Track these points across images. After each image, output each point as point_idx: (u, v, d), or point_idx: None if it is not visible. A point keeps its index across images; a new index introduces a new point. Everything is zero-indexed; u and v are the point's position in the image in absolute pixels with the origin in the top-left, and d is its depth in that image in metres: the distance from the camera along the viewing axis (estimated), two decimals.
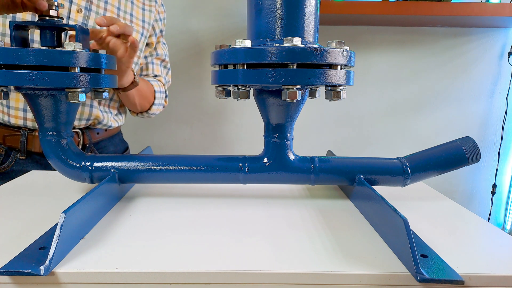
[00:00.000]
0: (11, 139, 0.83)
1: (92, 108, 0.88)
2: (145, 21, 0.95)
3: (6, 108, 0.82)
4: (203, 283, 0.38)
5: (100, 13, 0.85)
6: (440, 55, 1.53)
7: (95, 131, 0.92)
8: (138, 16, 0.94)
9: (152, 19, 0.98)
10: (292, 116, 0.56)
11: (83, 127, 0.89)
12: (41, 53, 0.46)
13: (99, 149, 0.94)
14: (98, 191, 0.50)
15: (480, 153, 0.57)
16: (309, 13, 0.50)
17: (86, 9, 0.83)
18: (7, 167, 0.84)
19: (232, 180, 0.58)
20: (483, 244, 0.46)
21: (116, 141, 1.01)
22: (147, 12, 0.96)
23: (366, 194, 0.53)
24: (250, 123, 1.59)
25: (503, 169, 1.63)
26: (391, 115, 1.59)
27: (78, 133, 0.88)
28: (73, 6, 0.82)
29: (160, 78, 1.03)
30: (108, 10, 0.87)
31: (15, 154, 0.84)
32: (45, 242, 0.42)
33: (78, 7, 0.82)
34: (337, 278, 0.39)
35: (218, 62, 0.51)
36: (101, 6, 0.86)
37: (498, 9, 1.28)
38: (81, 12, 0.82)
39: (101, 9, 0.86)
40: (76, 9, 0.82)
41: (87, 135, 0.90)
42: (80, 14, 0.82)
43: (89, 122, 0.89)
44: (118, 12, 0.89)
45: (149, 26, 0.97)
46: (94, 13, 0.85)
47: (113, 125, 0.96)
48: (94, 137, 0.92)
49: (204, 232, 0.48)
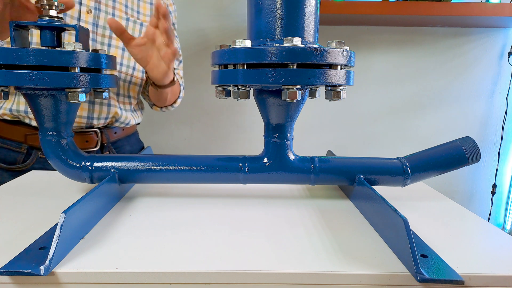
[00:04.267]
0: (32, 138, 0.85)
1: (110, 107, 0.89)
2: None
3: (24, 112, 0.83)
4: (203, 283, 0.38)
5: (109, 12, 0.86)
6: (440, 55, 1.53)
7: (113, 130, 0.94)
8: (145, 12, 0.94)
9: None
10: (292, 116, 0.56)
11: (101, 126, 0.91)
12: (41, 53, 0.46)
13: (116, 149, 0.95)
14: (98, 191, 0.50)
15: (480, 153, 0.57)
16: (309, 13, 0.50)
17: (95, 10, 0.84)
18: (28, 165, 0.86)
19: (232, 180, 0.58)
20: (483, 244, 0.46)
21: (132, 140, 1.02)
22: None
23: (366, 194, 0.53)
24: (250, 123, 1.59)
25: (503, 169, 1.63)
26: (391, 115, 1.59)
27: (97, 132, 0.89)
28: (82, 8, 0.83)
29: (178, 71, 1.04)
30: (117, 8, 0.88)
31: (36, 152, 0.86)
32: (45, 242, 0.42)
33: (88, 8, 0.83)
34: (337, 278, 0.39)
35: (218, 62, 0.51)
36: (109, 5, 0.87)
37: (498, 9, 1.28)
38: (91, 13, 0.84)
39: (109, 8, 0.87)
40: (85, 10, 0.83)
41: (105, 134, 0.91)
42: (90, 15, 0.84)
43: (107, 121, 0.91)
44: (126, 9, 0.90)
45: None
46: (104, 13, 0.85)
47: (130, 122, 0.97)
48: (112, 136, 0.93)
49: (204, 232, 0.48)
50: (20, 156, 0.85)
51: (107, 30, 0.86)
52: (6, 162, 0.85)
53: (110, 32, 0.86)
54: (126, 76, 0.91)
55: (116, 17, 0.87)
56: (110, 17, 0.70)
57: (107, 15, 0.86)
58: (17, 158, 0.85)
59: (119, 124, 0.94)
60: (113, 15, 0.87)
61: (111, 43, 0.87)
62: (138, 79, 0.95)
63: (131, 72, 0.92)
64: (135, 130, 1.06)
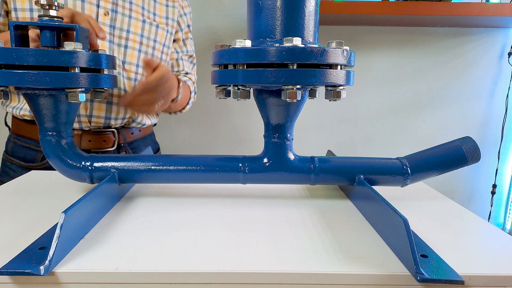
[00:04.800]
0: None
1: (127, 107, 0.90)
2: (169, 18, 0.97)
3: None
4: (203, 283, 0.38)
5: (126, 14, 0.87)
6: (440, 55, 1.53)
7: (130, 130, 0.95)
8: (161, 14, 0.95)
9: (177, 15, 0.99)
10: (292, 116, 0.56)
11: (118, 126, 0.91)
12: (41, 53, 0.46)
13: (132, 149, 0.96)
14: (98, 191, 0.50)
15: (480, 153, 0.57)
16: (309, 13, 0.50)
17: (112, 11, 0.85)
18: (46, 164, 0.87)
19: (232, 180, 0.58)
20: (483, 244, 0.46)
21: (148, 141, 1.03)
22: (171, 8, 0.97)
23: (366, 194, 0.53)
24: (250, 123, 1.59)
25: (503, 169, 1.63)
26: (391, 115, 1.59)
27: (114, 133, 0.90)
28: (100, 10, 0.84)
29: (191, 76, 1.05)
30: (133, 10, 0.89)
31: None
32: (45, 242, 0.42)
33: (105, 10, 0.84)
34: (337, 278, 0.39)
35: (218, 62, 0.51)
36: (126, 7, 0.88)
37: (498, 9, 1.28)
38: (108, 15, 0.85)
39: (126, 10, 0.88)
40: (103, 12, 0.84)
41: (122, 134, 0.92)
42: (107, 17, 0.85)
43: (124, 121, 0.91)
44: (142, 11, 0.91)
45: (174, 22, 0.98)
46: (121, 15, 0.87)
47: (146, 123, 0.98)
48: (128, 137, 0.94)
49: (204, 232, 0.48)
50: (39, 155, 0.87)
51: (124, 31, 0.87)
52: (26, 160, 0.88)
53: (127, 33, 0.88)
54: (143, 77, 0.93)
55: (133, 19, 0.88)
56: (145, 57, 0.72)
57: (124, 17, 0.87)
58: (36, 157, 0.87)
59: (136, 124, 0.95)
60: (130, 17, 0.88)
61: (128, 45, 0.88)
62: None
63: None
64: (152, 131, 1.07)
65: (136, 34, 0.89)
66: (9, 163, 0.90)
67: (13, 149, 0.90)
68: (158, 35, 0.93)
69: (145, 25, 0.91)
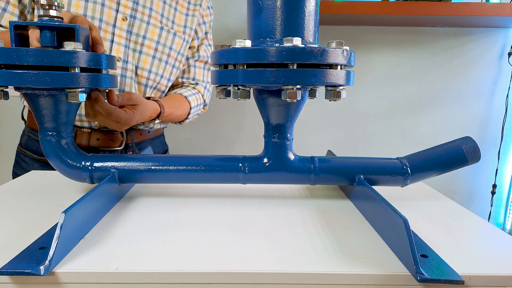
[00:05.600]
0: None
1: None
2: (187, 27, 0.98)
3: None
4: (203, 283, 0.38)
5: (144, 20, 0.88)
6: (440, 55, 1.53)
7: (139, 131, 0.95)
8: (179, 22, 0.96)
9: (195, 23, 1.00)
10: (292, 116, 0.56)
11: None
12: (41, 53, 0.46)
13: (140, 149, 0.96)
14: (98, 191, 0.50)
15: (480, 153, 0.57)
16: (309, 13, 0.50)
17: (131, 17, 0.86)
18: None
19: (232, 180, 0.58)
20: (483, 244, 0.46)
21: (156, 143, 1.03)
22: (190, 17, 0.98)
23: (366, 194, 0.53)
24: (250, 123, 1.59)
25: (503, 169, 1.63)
26: (391, 115, 1.59)
27: (122, 133, 0.90)
28: (119, 15, 0.85)
29: (199, 87, 1.05)
30: (152, 17, 0.90)
31: None
32: (45, 242, 0.42)
33: (124, 16, 0.85)
34: (337, 278, 0.39)
35: (218, 62, 0.51)
36: (145, 13, 0.88)
37: (498, 9, 1.28)
38: (126, 20, 0.86)
39: (145, 16, 0.88)
40: (121, 17, 0.85)
41: (130, 134, 0.92)
42: (125, 22, 0.85)
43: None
44: (161, 19, 0.91)
45: (191, 30, 0.99)
46: (139, 21, 0.87)
47: (154, 126, 0.98)
48: (137, 137, 0.95)
49: (204, 232, 0.48)
50: None
51: (140, 37, 0.88)
52: (38, 153, 0.91)
53: (143, 39, 0.88)
54: (154, 83, 0.94)
55: (150, 25, 0.89)
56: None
57: (142, 23, 0.88)
58: None
59: (144, 126, 0.95)
60: (148, 23, 0.89)
61: (143, 51, 0.89)
62: (163, 86, 0.97)
63: (159, 80, 0.94)
64: (161, 133, 1.07)
65: (152, 41, 0.90)
66: (22, 155, 0.93)
67: (26, 142, 0.93)
68: (174, 43, 0.94)
69: (162, 32, 0.91)
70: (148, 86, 0.93)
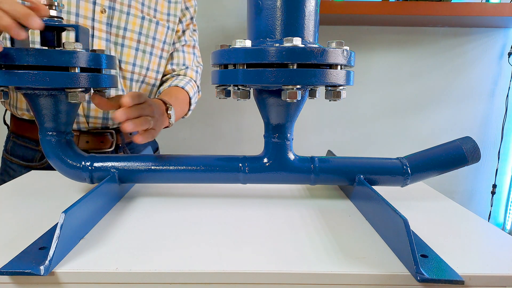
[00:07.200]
0: None
1: None
2: (171, 14, 0.94)
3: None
4: (203, 283, 0.38)
5: (124, 11, 0.84)
6: (440, 55, 1.53)
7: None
8: (162, 10, 0.92)
9: (178, 10, 0.96)
10: (292, 116, 0.56)
11: (116, 127, 0.90)
12: (41, 53, 0.46)
13: (131, 150, 0.94)
14: (98, 191, 0.50)
15: (480, 153, 0.57)
16: (309, 13, 0.50)
17: (110, 9, 0.82)
18: (44, 164, 0.86)
19: (232, 180, 0.58)
20: (483, 244, 0.46)
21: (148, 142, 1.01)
22: (173, 4, 0.95)
23: (366, 194, 0.53)
24: (250, 123, 1.59)
25: (503, 169, 1.63)
26: (391, 115, 1.59)
27: (112, 133, 0.88)
28: (96, 7, 0.81)
29: (190, 73, 1.01)
30: (132, 6, 0.85)
31: None
32: (45, 242, 0.42)
33: (102, 8, 0.81)
34: (337, 278, 0.39)
35: (218, 62, 0.51)
36: (125, 4, 0.84)
37: (498, 9, 1.28)
38: (105, 13, 0.82)
39: (125, 6, 0.84)
40: (99, 9, 0.81)
41: (120, 135, 0.90)
42: (104, 14, 0.82)
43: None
44: (142, 8, 0.88)
45: (176, 18, 0.96)
46: (118, 12, 0.84)
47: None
48: (127, 138, 0.93)
49: (204, 232, 0.48)
50: (38, 154, 0.87)
51: (121, 29, 0.85)
52: (25, 159, 0.88)
53: (124, 31, 0.85)
54: (139, 76, 0.90)
55: (131, 16, 0.86)
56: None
57: (121, 14, 0.84)
58: (35, 156, 0.87)
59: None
60: (128, 14, 0.85)
61: (125, 43, 0.86)
62: (151, 79, 0.93)
63: (145, 73, 0.91)
64: None
65: (134, 32, 0.86)
66: (9, 162, 0.90)
67: (12, 148, 0.90)
68: (158, 33, 0.91)
69: (144, 22, 0.88)
70: (133, 80, 0.89)
